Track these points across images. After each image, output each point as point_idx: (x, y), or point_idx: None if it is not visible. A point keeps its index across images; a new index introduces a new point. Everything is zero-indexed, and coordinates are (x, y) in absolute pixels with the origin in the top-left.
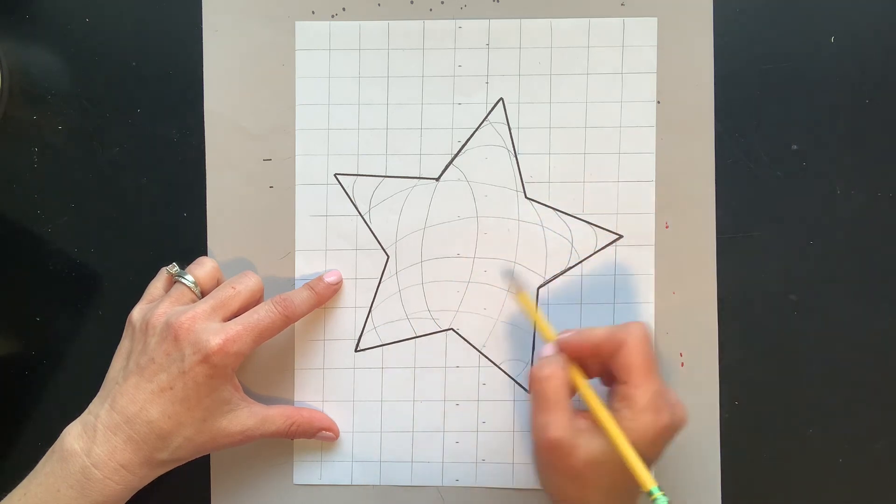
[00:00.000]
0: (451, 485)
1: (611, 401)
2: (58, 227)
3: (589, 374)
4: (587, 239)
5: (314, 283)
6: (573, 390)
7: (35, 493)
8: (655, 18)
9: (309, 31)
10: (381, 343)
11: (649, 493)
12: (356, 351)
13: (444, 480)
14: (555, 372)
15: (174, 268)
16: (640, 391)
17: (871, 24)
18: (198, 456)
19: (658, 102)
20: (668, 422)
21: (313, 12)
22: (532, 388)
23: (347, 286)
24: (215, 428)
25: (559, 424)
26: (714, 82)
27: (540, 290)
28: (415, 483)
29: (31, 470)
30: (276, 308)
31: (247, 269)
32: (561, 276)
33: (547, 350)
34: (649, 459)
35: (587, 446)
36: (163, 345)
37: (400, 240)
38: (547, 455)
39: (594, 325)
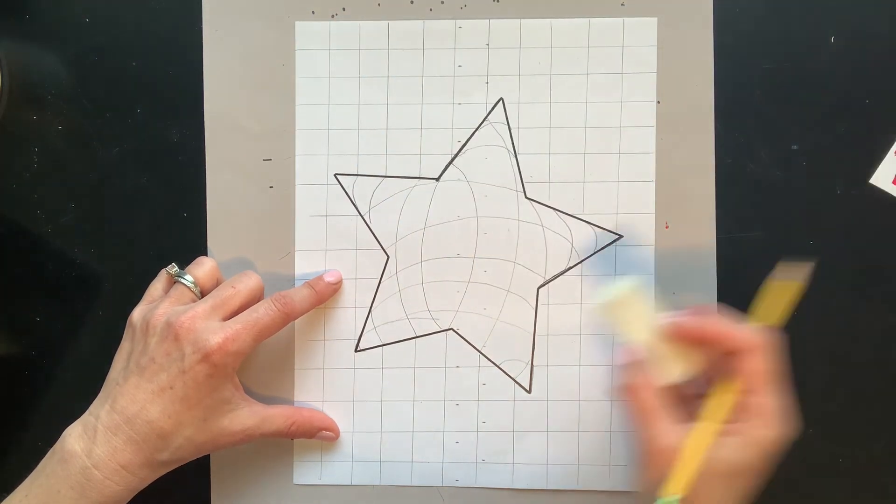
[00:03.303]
0: (451, 485)
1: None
2: (58, 227)
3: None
4: (587, 239)
5: (314, 282)
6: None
7: (36, 495)
8: (655, 18)
9: (309, 31)
10: (381, 343)
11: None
12: (356, 351)
13: (444, 480)
14: (641, 382)
15: (174, 268)
16: (766, 400)
17: (871, 24)
18: (198, 456)
19: (658, 102)
20: (788, 434)
21: (313, 12)
22: (627, 401)
23: (347, 286)
24: (216, 427)
25: (664, 434)
26: (714, 82)
27: (540, 289)
28: (415, 483)
29: (31, 470)
30: (276, 306)
31: (247, 268)
32: (561, 276)
33: (624, 355)
34: (765, 469)
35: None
36: (163, 344)
37: (400, 240)
38: (660, 466)
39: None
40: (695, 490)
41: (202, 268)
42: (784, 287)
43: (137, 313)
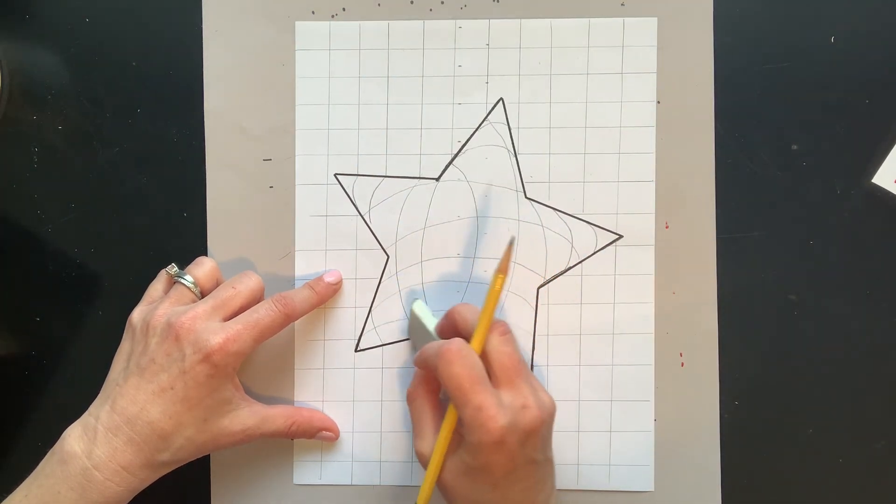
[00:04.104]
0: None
1: None
2: (58, 227)
3: None
4: (587, 239)
5: (314, 283)
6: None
7: (35, 495)
8: (655, 18)
9: (309, 31)
10: (381, 343)
11: None
12: (356, 351)
13: None
14: (417, 391)
15: (173, 268)
16: (461, 412)
17: (871, 24)
18: (199, 456)
19: (658, 102)
20: (505, 425)
21: (313, 12)
22: (409, 408)
23: (347, 286)
24: (216, 428)
25: (420, 442)
26: (714, 82)
27: (540, 290)
28: (414, 483)
29: (30, 470)
30: (276, 306)
31: (247, 269)
32: (561, 276)
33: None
34: (511, 461)
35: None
36: (163, 345)
37: (400, 240)
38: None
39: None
40: (452, 489)
41: (202, 268)
42: (495, 280)
43: (137, 314)
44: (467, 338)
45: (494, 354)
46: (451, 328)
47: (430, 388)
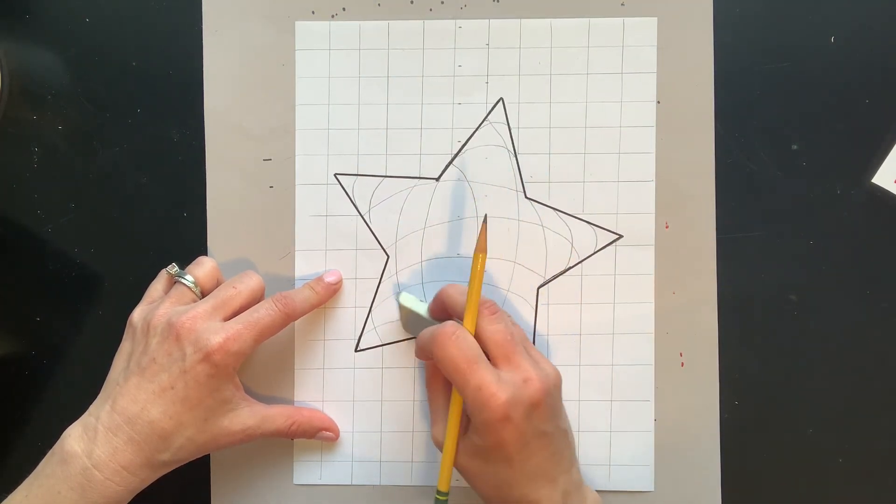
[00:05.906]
0: (451, 485)
1: None
2: (58, 227)
3: None
4: (587, 239)
5: (314, 283)
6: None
7: (36, 495)
8: (655, 18)
9: (309, 31)
10: (380, 343)
11: (437, 493)
12: (356, 351)
13: None
14: (429, 380)
15: (174, 268)
16: (463, 393)
17: (871, 24)
18: (199, 456)
19: (658, 102)
20: (507, 401)
21: (313, 12)
22: (427, 396)
23: (347, 286)
24: (217, 427)
25: (435, 430)
26: (714, 82)
27: (540, 289)
28: (415, 483)
29: (31, 470)
30: (277, 306)
31: (247, 269)
32: (561, 276)
33: (419, 356)
34: (521, 436)
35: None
36: (164, 344)
37: (400, 240)
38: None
39: (592, 323)
40: (470, 471)
41: (202, 268)
42: (476, 259)
43: (138, 314)
44: (459, 318)
45: (486, 334)
46: (442, 310)
47: (442, 376)
